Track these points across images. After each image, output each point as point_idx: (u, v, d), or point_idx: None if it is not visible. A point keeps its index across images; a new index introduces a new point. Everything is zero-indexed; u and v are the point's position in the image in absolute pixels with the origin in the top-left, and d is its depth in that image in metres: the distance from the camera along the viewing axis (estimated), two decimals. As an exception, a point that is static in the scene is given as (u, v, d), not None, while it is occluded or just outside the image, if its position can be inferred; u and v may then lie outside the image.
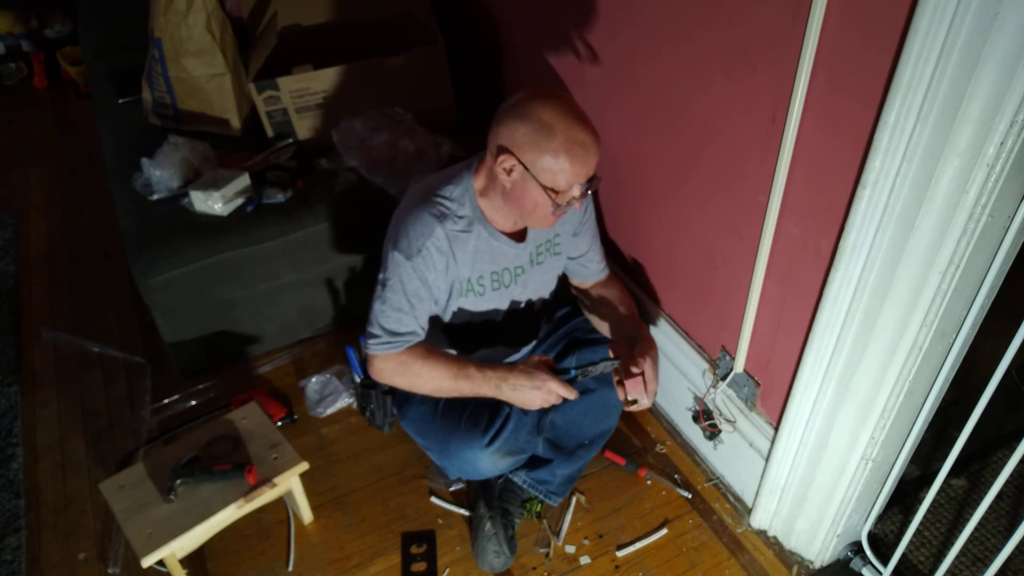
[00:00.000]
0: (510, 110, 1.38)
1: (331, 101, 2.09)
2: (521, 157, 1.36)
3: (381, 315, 1.50)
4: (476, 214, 1.49)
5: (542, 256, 1.62)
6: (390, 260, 1.48)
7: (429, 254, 1.45)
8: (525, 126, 1.34)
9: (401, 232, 1.47)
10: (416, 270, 1.46)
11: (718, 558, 1.67)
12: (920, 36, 0.98)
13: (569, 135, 1.33)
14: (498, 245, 1.53)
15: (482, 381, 1.50)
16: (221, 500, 1.52)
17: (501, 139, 1.38)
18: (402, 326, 1.50)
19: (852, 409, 1.38)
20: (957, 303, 1.19)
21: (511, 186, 1.41)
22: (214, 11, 2.05)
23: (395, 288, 1.48)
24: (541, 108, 1.34)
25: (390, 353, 1.52)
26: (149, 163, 1.99)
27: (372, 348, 1.52)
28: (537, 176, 1.37)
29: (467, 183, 1.49)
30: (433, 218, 1.46)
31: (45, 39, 3.60)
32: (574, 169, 1.36)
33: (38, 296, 2.39)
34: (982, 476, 1.78)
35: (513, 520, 1.67)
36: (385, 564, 1.67)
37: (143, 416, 1.97)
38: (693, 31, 1.40)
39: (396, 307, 1.49)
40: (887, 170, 1.10)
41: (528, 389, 1.47)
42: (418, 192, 1.53)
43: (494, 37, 2.29)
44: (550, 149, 1.34)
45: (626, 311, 1.67)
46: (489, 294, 1.58)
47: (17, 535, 1.72)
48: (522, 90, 1.40)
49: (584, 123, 1.36)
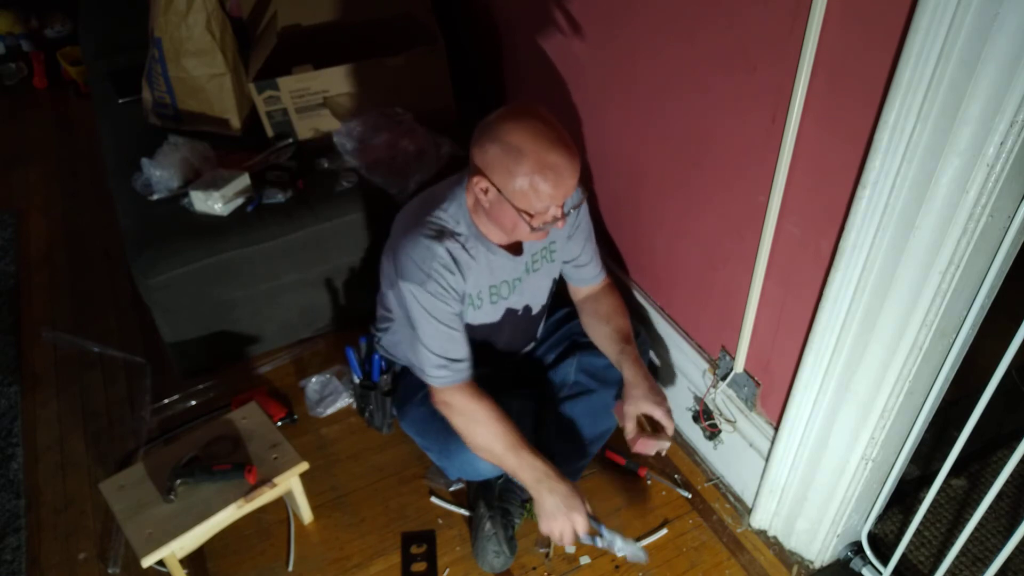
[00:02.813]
0: (484, 130, 1.37)
1: (331, 101, 2.09)
2: (493, 179, 1.36)
3: (429, 351, 1.46)
4: (472, 230, 1.49)
5: (538, 263, 1.62)
6: (405, 295, 1.44)
7: (440, 275, 1.44)
8: (496, 148, 1.34)
9: (405, 263, 1.44)
10: (435, 294, 1.44)
11: (718, 558, 1.67)
12: (920, 36, 0.98)
13: (538, 158, 1.32)
14: (496, 259, 1.52)
15: (528, 469, 1.45)
16: (221, 500, 1.52)
17: (476, 160, 1.39)
18: (454, 350, 1.47)
19: (852, 409, 1.38)
20: (957, 303, 1.19)
21: (489, 206, 1.41)
22: (214, 11, 2.05)
23: (426, 320, 1.45)
24: (512, 130, 1.33)
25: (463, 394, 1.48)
26: (149, 163, 1.99)
27: (438, 381, 1.48)
28: (510, 199, 1.36)
29: (460, 200, 1.48)
30: (432, 240, 1.44)
31: (45, 39, 3.60)
32: (546, 192, 1.35)
33: (38, 296, 2.39)
34: (982, 476, 1.78)
35: (513, 520, 1.67)
36: (385, 564, 1.67)
37: (143, 416, 1.97)
38: (693, 31, 1.40)
39: (437, 335, 1.46)
40: (887, 170, 1.10)
41: (559, 500, 1.42)
42: (411, 216, 1.51)
43: (494, 37, 2.29)
44: (520, 173, 1.33)
45: (615, 331, 1.65)
46: (487, 307, 1.58)
47: (17, 535, 1.72)
48: (500, 108, 1.39)
49: (556, 145, 1.34)
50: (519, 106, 1.39)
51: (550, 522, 1.45)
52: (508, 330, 1.67)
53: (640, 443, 1.54)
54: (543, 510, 1.45)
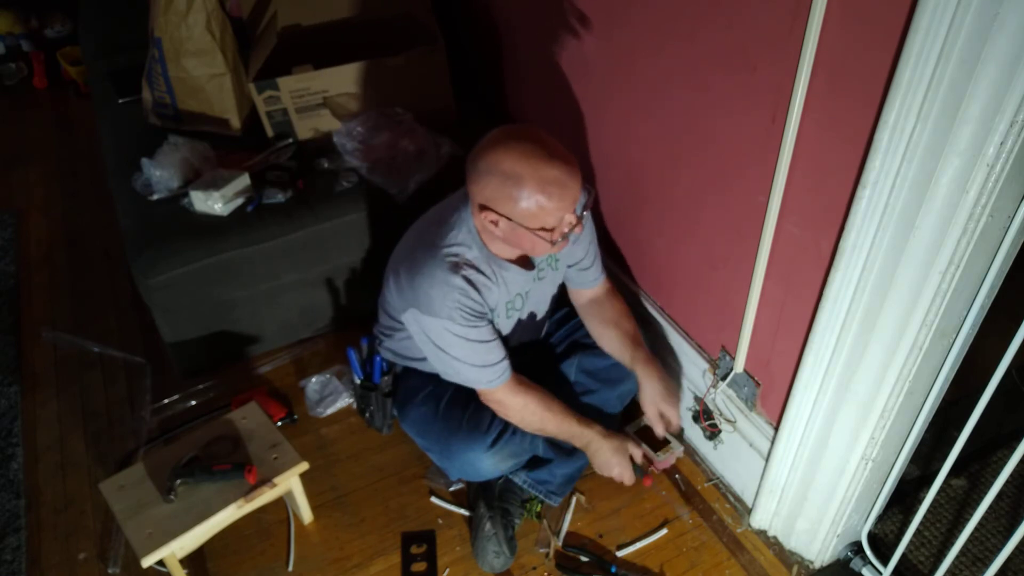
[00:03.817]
0: (477, 164, 1.37)
1: (331, 101, 2.09)
2: (500, 211, 1.37)
3: (471, 366, 1.50)
4: (484, 252, 1.49)
5: (543, 272, 1.63)
6: (431, 327, 1.47)
7: (463, 304, 1.45)
8: (494, 181, 1.35)
9: (423, 298, 1.45)
10: (464, 322, 1.46)
11: (718, 558, 1.67)
12: (920, 36, 0.98)
13: (537, 177, 1.33)
14: (509, 275, 1.54)
15: (576, 437, 1.59)
16: (221, 500, 1.52)
17: (477, 197, 1.39)
18: (493, 357, 1.51)
19: (852, 409, 1.38)
20: (957, 303, 1.19)
21: (504, 235, 1.42)
22: (214, 11, 2.05)
23: (462, 344, 1.47)
24: (504, 157, 1.34)
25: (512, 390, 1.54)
26: (149, 163, 1.99)
27: (489, 385, 1.54)
28: (522, 223, 1.37)
29: (468, 224, 1.48)
30: (448, 272, 1.45)
31: (45, 39, 3.60)
32: (554, 206, 1.35)
33: (38, 296, 2.39)
34: (982, 476, 1.78)
35: (513, 520, 1.67)
36: (385, 564, 1.67)
37: (143, 416, 1.97)
38: (693, 31, 1.40)
39: (474, 353, 1.49)
40: (887, 170, 1.10)
41: (608, 456, 1.57)
42: (420, 246, 1.51)
43: (494, 37, 2.29)
44: (523, 197, 1.34)
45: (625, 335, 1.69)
46: (502, 322, 1.59)
47: (17, 535, 1.72)
48: (486, 136, 1.39)
49: (551, 158, 1.34)
50: (502, 132, 1.39)
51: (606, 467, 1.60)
52: (515, 338, 1.68)
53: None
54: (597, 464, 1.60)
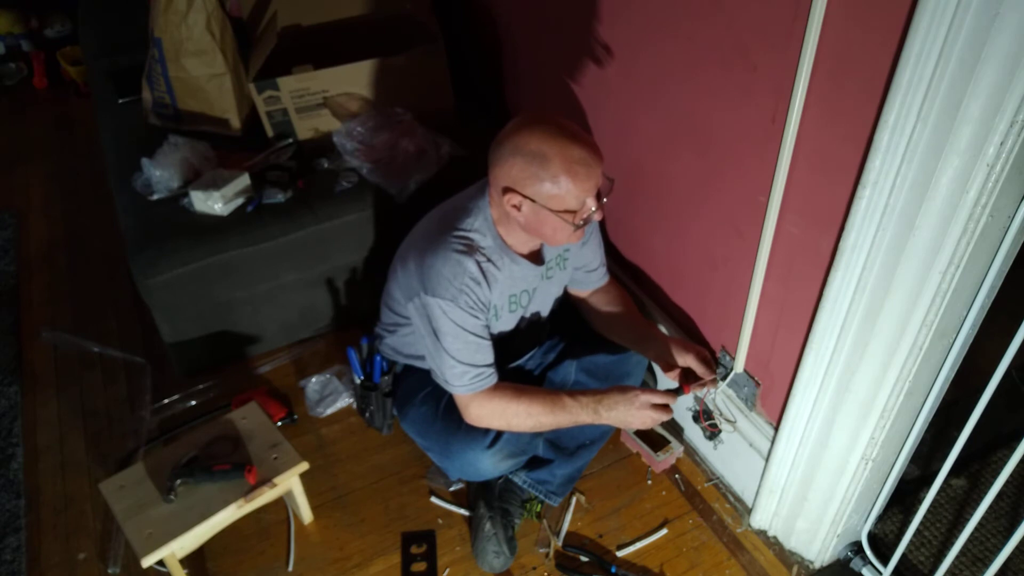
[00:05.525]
0: (502, 147, 1.37)
1: (331, 101, 2.09)
2: (525, 192, 1.37)
3: (456, 360, 1.47)
4: (498, 242, 1.49)
5: (552, 271, 1.63)
6: (432, 308, 1.44)
7: (470, 289, 1.44)
8: (520, 161, 1.35)
9: (433, 277, 1.44)
10: (466, 308, 1.45)
11: (718, 558, 1.67)
12: (920, 36, 0.98)
13: (564, 156, 1.33)
14: (518, 269, 1.53)
15: (579, 409, 1.50)
16: (221, 500, 1.52)
17: (501, 180, 1.39)
18: (481, 358, 1.49)
19: (852, 409, 1.38)
20: (957, 303, 1.19)
21: (525, 220, 1.41)
22: (214, 11, 2.05)
23: (453, 333, 1.45)
24: (530, 138, 1.34)
25: (482, 397, 1.50)
26: (149, 163, 1.99)
27: (463, 389, 1.50)
28: (546, 205, 1.37)
29: (485, 213, 1.48)
30: (462, 254, 1.44)
31: (45, 39, 3.60)
32: (579, 187, 1.35)
33: (38, 296, 2.39)
34: (982, 476, 1.78)
35: (513, 520, 1.67)
36: (385, 564, 1.67)
37: (143, 416, 1.97)
38: (693, 30, 1.40)
39: (466, 347, 1.47)
40: (887, 170, 1.10)
41: (623, 405, 1.48)
42: (434, 230, 1.50)
43: (494, 37, 2.29)
44: (549, 177, 1.34)
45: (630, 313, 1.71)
46: (505, 316, 1.59)
47: (17, 535, 1.72)
48: (510, 122, 1.40)
49: (576, 139, 1.35)
50: (527, 116, 1.40)
51: (630, 424, 1.54)
52: (519, 337, 1.68)
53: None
54: (620, 421, 1.51)
